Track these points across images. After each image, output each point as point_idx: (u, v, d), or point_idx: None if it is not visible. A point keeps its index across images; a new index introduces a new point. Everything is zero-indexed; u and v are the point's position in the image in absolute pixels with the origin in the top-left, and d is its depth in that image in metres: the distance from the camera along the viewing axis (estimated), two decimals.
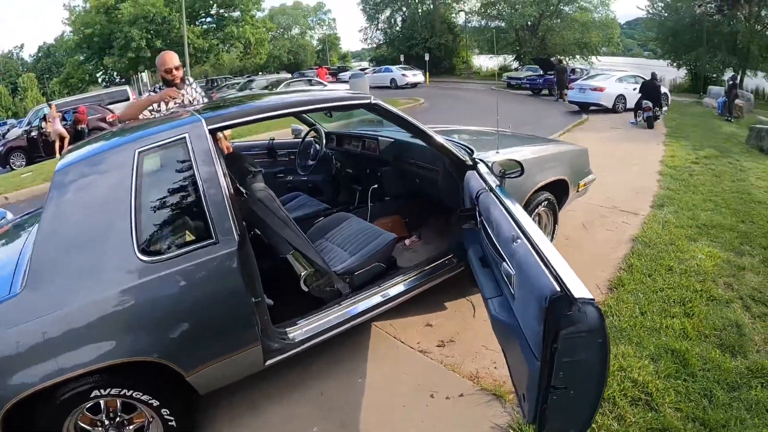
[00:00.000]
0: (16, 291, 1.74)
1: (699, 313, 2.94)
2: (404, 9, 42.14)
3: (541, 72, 22.62)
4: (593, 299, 1.31)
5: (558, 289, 1.35)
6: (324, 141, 3.46)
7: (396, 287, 2.65)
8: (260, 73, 34.34)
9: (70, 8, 25.07)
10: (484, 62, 42.15)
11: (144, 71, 25.69)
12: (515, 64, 36.42)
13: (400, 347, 2.73)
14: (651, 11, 28.14)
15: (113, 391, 1.87)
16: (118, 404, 1.97)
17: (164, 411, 2.00)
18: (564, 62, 20.68)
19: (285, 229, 2.25)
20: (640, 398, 2.27)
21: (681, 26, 25.86)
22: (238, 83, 25.25)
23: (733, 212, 4.75)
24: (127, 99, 17.40)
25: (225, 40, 25.44)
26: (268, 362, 2.16)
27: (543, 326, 1.37)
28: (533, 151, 3.37)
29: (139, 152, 1.92)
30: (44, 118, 12.72)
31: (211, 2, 24.64)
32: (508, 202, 2.06)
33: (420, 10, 40.59)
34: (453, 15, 40.47)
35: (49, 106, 13.38)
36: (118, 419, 1.99)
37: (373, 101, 2.42)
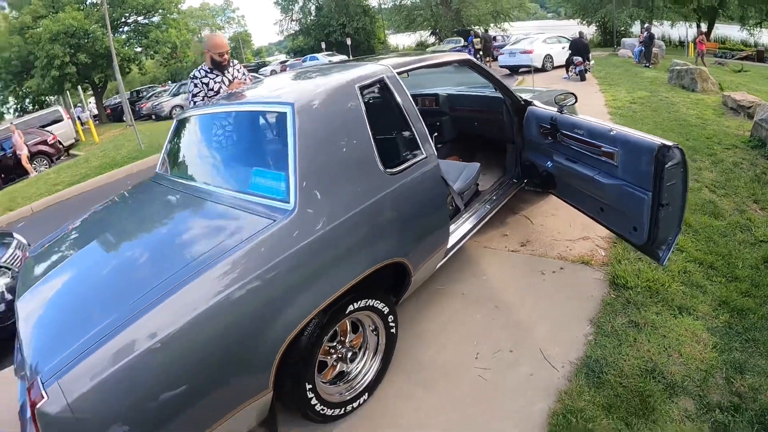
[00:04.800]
0: (290, 209, 1.86)
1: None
2: None
3: (464, 43, 24.18)
4: (677, 144, 2.24)
5: (659, 143, 2.23)
6: None
7: (488, 203, 3.44)
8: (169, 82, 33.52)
9: None
10: (402, 40, 43.42)
11: (70, 88, 24.40)
12: (431, 39, 37.98)
13: (496, 252, 3.61)
14: None
15: (361, 303, 2.09)
16: (348, 326, 2.20)
17: (390, 318, 2.26)
18: (488, 31, 22.31)
19: None
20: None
21: None
22: (166, 90, 24.69)
23: (678, 134, 6.16)
24: (60, 119, 16.54)
25: (149, 46, 24.55)
26: (439, 263, 2.74)
27: (654, 166, 2.24)
28: (548, 92, 4.41)
29: (360, 87, 2.28)
30: None
31: (129, 11, 23.63)
32: (582, 115, 2.98)
33: None
34: None
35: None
36: (345, 349, 2.19)
37: (468, 57, 3.20)
